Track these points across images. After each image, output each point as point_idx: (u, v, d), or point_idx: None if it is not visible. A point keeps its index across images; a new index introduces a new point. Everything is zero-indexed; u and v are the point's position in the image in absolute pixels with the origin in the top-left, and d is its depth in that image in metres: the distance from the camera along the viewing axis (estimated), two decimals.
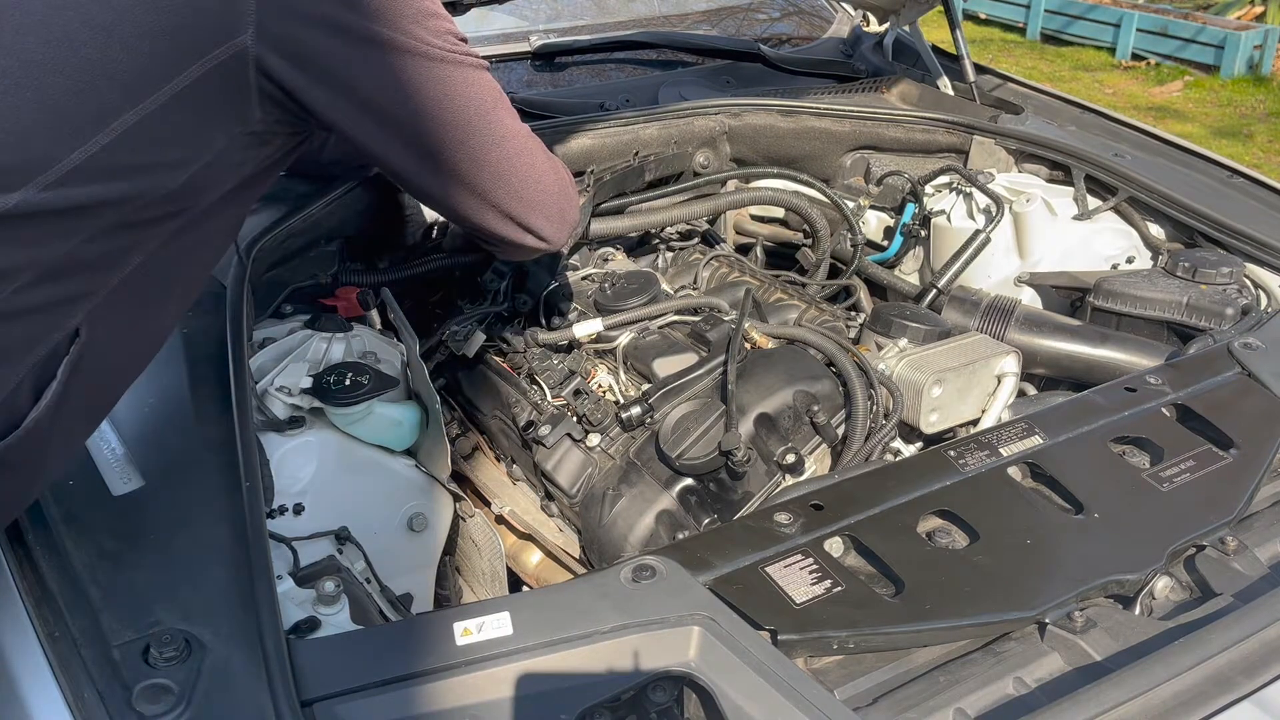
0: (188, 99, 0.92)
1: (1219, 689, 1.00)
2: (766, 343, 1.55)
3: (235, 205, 1.07)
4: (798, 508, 1.17)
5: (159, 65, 0.90)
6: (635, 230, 1.99)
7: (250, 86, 0.97)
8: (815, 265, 2.04)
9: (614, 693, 0.95)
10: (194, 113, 0.93)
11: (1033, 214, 1.91)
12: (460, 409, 1.77)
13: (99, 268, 0.91)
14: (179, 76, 0.91)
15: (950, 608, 1.06)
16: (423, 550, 1.50)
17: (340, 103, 1.06)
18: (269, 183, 1.13)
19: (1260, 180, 1.96)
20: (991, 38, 8.39)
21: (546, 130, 2.04)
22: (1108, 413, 1.37)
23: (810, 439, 1.45)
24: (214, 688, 0.90)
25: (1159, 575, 1.16)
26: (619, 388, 1.61)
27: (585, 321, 1.65)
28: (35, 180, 0.85)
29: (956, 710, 0.98)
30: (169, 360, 1.29)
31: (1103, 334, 1.66)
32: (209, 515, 1.07)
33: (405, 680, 0.93)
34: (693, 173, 2.16)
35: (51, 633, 0.95)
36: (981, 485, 1.24)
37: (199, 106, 0.93)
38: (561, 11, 2.72)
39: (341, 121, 1.08)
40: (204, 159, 0.96)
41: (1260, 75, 7.06)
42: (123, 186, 0.89)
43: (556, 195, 1.32)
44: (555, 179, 1.32)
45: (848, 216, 2.06)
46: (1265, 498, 1.31)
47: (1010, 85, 2.46)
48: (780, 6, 2.93)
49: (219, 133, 0.97)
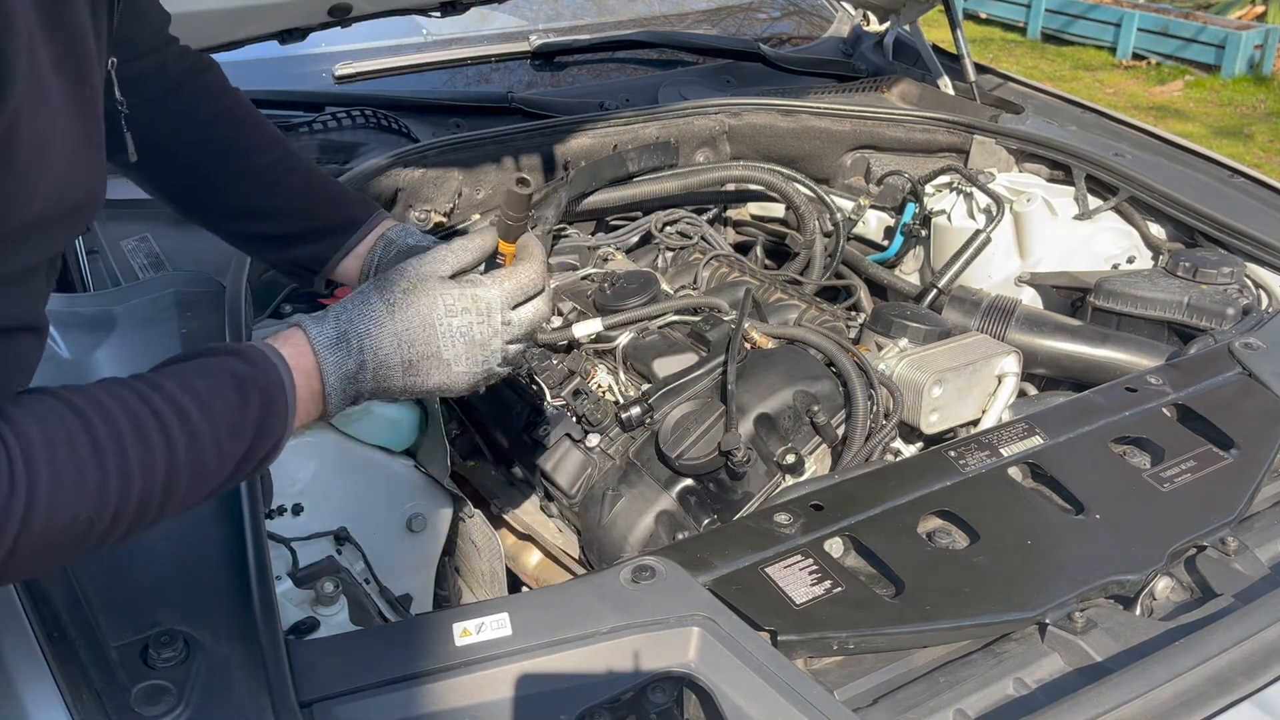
0: None
1: (1219, 689, 1.00)
2: (766, 343, 1.55)
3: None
4: (798, 508, 1.17)
5: None
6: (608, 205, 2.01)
7: None
8: (805, 246, 2.04)
9: (614, 693, 0.95)
10: None
11: (1033, 214, 1.90)
12: (460, 409, 1.77)
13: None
14: None
15: (950, 608, 1.06)
16: (422, 551, 1.50)
17: None
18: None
19: (1261, 180, 1.96)
20: (992, 37, 8.38)
21: (547, 130, 2.04)
22: (1108, 413, 1.37)
23: (810, 439, 1.45)
24: (212, 688, 0.90)
25: (1159, 576, 1.16)
26: (619, 388, 1.60)
27: (585, 321, 1.65)
28: None
29: (956, 711, 0.98)
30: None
31: (1103, 334, 1.66)
32: (208, 515, 1.07)
33: (404, 681, 0.93)
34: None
35: (50, 633, 0.95)
36: (982, 485, 1.24)
37: None
38: (561, 11, 2.72)
39: None
40: None
41: (1261, 75, 7.06)
42: None
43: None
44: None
45: (822, 197, 2.07)
46: (1266, 498, 1.30)
47: (1011, 85, 2.46)
48: (780, 6, 2.93)
49: None
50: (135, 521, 0.83)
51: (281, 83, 2.13)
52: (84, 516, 0.78)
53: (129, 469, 0.81)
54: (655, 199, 2.06)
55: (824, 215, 2.08)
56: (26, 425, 0.77)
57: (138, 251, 1.62)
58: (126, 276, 1.55)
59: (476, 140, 1.98)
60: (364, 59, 2.27)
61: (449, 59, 2.36)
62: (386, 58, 2.30)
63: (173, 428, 0.84)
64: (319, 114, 2.07)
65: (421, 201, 1.94)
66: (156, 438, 0.83)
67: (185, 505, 0.88)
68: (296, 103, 2.10)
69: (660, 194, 2.05)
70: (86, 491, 0.79)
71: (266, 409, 0.90)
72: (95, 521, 0.79)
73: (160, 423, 0.83)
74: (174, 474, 0.83)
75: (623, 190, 2.02)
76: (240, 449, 0.89)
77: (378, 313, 0.98)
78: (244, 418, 0.89)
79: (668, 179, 2.04)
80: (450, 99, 2.20)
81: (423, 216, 1.95)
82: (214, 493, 0.92)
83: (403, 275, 1.00)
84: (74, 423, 0.80)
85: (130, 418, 0.82)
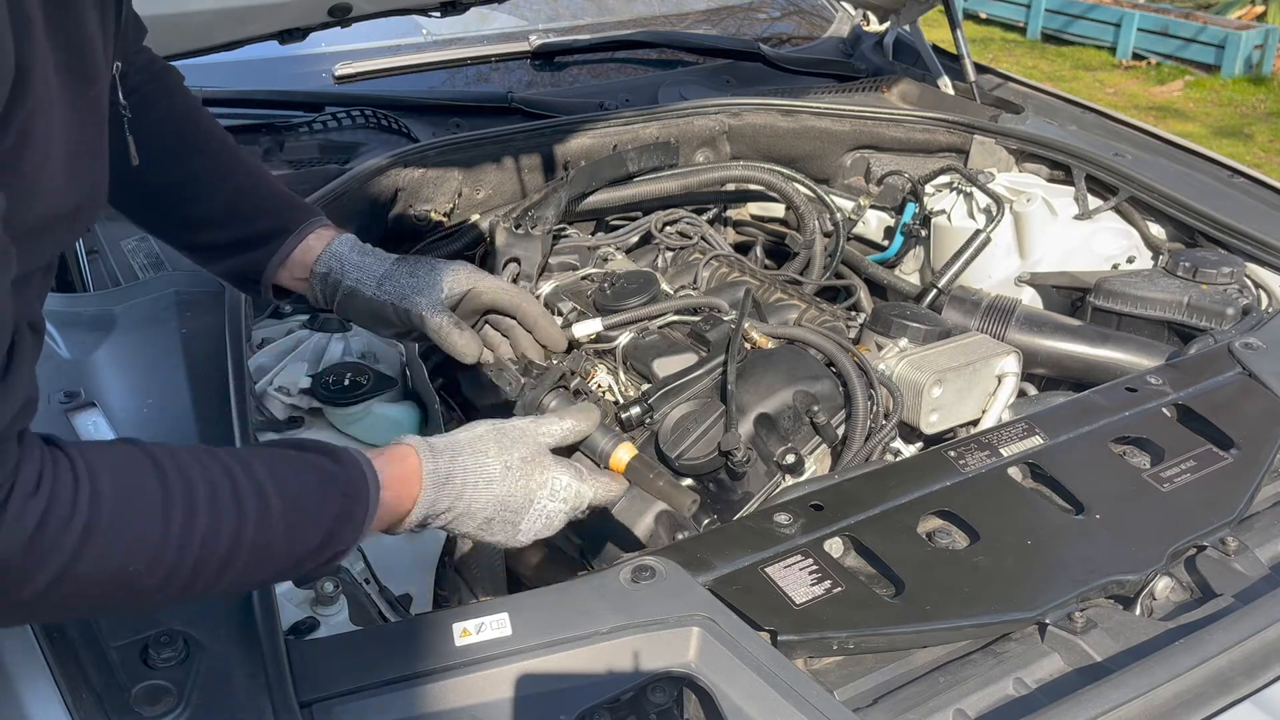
0: None
1: (1219, 689, 1.00)
2: (766, 343, 1.55)
3: None
4: (798, 508, 1.17)
5: None
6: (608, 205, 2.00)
7: None
8: (805, 246, 2.04)
9: (614, 693, 0.95)
10: None
11: (1033, 214, 1.90)
12: (459, 409, 1.77)
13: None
14: None
15: (950, 608, 1.06)
16: (422, 550, 1.50)
17: None
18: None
19: (1261, 180, 1.96)
20: (992, 37, 8.38)
21: (547, 130, 2.04)
22: (1108, 413, 1.37)
23: (810, 439, 1.45)
24: (212, 689, 0.90)
25: (1159, 576, 1.16)
26: (618, 388, 1.60)
27: (585, 321, 1.65)
28: None
29: (956, 711, 0.98)
30: (168, 360, 1.29)
31: (1103, 334, 1.66)
32: None
33: (404, 681, 0.93)
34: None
35: (50, 633, 0.95)
36: (982, 485, 1.24)
37: None
38: (561, 11, 2.72)
39: None
40: None
41: (1261, 75, 7.06)
42: None
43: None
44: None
45: (822, 197, 2.07)
46: (1266, 498, 1.30)
47: (1011, 85, 2.46)
48: (780, 6, 2.93)
49: None
50: (185, 586, 0.83)
51: (281, 83, 2.13)
52: (132, 569, 0.79)
53: (192, 535, 0.81)
54: (655, 199, 2.06)
55: (824, 215, 2.08)
56: (101, 468, 0.78)
57: (138, 251, 1.62)
58: (126, 276, 1.55)
59: (476, 140, 1.98)
60: (364, 59, 2.27)
61: (449, 59, 2.36)
62: (386, 58, 2.30)
63: (247, 505, 0.85)
64: (319, 114, 2.07)
65: (421, 201, 1.94)
66: (229, 511, 0.84)
67: (237, 586, 0.88)
68: (296, 103, 2.11)
69: (660, 194, 2.05)
70: (143, 545, 0.79)
71: (342, 517, 0.91)
72: (143, 576, 0.79)
73: (236, 498, 0.84)
74: (235, 550, 0.84)
75: (623, 190, 2.01)
76: (306, 546, 0.89)
77: (491, 472, 1.00)
78: (319, 517, 0.90)
79: (668, 179, 2.04)
80: (450, 99, 2.20)
81: (423, 216, 1.95)
82: (269, 581, 0.93)
83: (523, 440, 1.02)
84: (150, 477, 0.81)
85: (208, 485, 0.83)
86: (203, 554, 0.82)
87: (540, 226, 1.84)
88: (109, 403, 1.24)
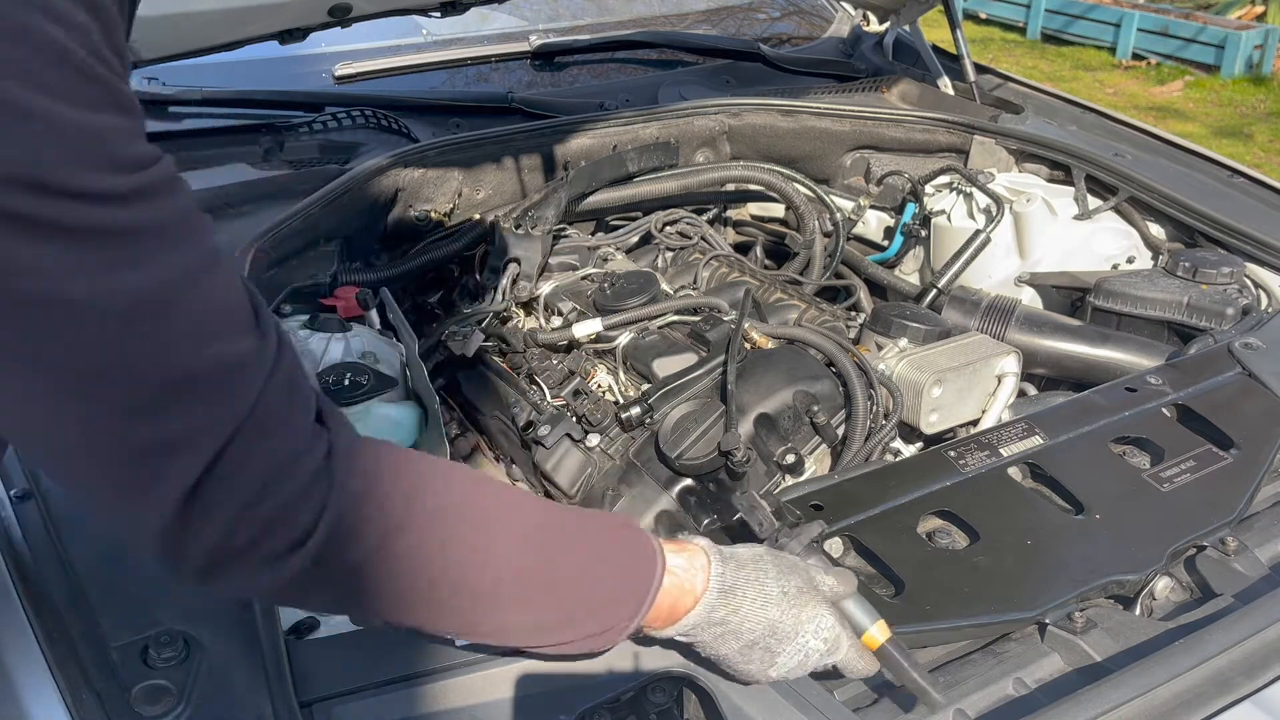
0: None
1: (1219, 689, 1.00)
2: (766, 343, 1.55)
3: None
4: (798, 508, 1.17)
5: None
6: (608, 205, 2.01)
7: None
8: (804, 246, 2.04)
9: (614, 693, 0.95)
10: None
11: (1033, 214, 1.90)
12: (459, 409, 1.77)
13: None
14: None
15: (950, 608, 1.06)
16: None
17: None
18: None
19: (1261, 180, 1.96)
20: (992, 37, 8.38)
21: (547, 130, 2.04)
22: (1108, 413, 1.37)
23: (810, 439, 1.45)
24: (212, 689, 0.90)
25: (1159, 576, 1.16)
26: (618, 388, 1.60)
27: (585, 321, 1.65)
28: None
29: (956, 711, 0.98)
30: None
31: (1103, 334, 1.66)
32: None
33: (404, 681, 0.93)
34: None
35: (50, 633, 0.95)
36: (982, 485, 1.24)
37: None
38: (561, 11, 2.72)
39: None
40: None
41: (1261, 75, 7.05)
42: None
43: None
44: None
45: (822, 197, 2.07)
46: (1266, 498, 1.30)
47: (1010, 85, 2.46)
48: (780, 6, 2.93)
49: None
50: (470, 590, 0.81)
51: (281, 83, 2.13)
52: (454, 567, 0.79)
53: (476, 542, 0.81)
54: (655, 199, 2.06)
55: (824, 215, 2.08)
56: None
57: None
58: None
59: (476, 140, 1.98)
60: (364, 59, 2.27)
61: (449, 59, 2.36)
62: (386, 58, 2.30)
63: (555, 517, 0.88)
64: (319, 114, 2.07)
65: (421, 201, 1.94)
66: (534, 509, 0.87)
67: (484, 621, 0.84)
68: (296, 103, 2.11)
69: (660, 194, 2.05)
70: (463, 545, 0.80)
71: (629, 579, 0.89)
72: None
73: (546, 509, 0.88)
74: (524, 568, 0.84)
75: (622, 190, 2.02)
76: (588, 599, 0.87)
77: (770, 593, 0.93)
78: (612, 569, 0.88)
79: (668, 179, 2.05)
80: (450, 99, 2.20)
81: (423, 216, 1.95)
82: (512, 629, 0.86)
83: (797, 571, 0.96)
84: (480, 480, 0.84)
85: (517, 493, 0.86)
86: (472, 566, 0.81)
87: (540, 226, 1.84)
88: None
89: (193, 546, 0.69)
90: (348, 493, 0.73)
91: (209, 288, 0.67)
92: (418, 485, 0.79)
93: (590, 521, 0.92)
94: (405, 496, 0.77)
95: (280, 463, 0.70)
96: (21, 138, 0.57)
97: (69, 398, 0.64)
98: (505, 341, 1.73)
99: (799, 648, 0.93)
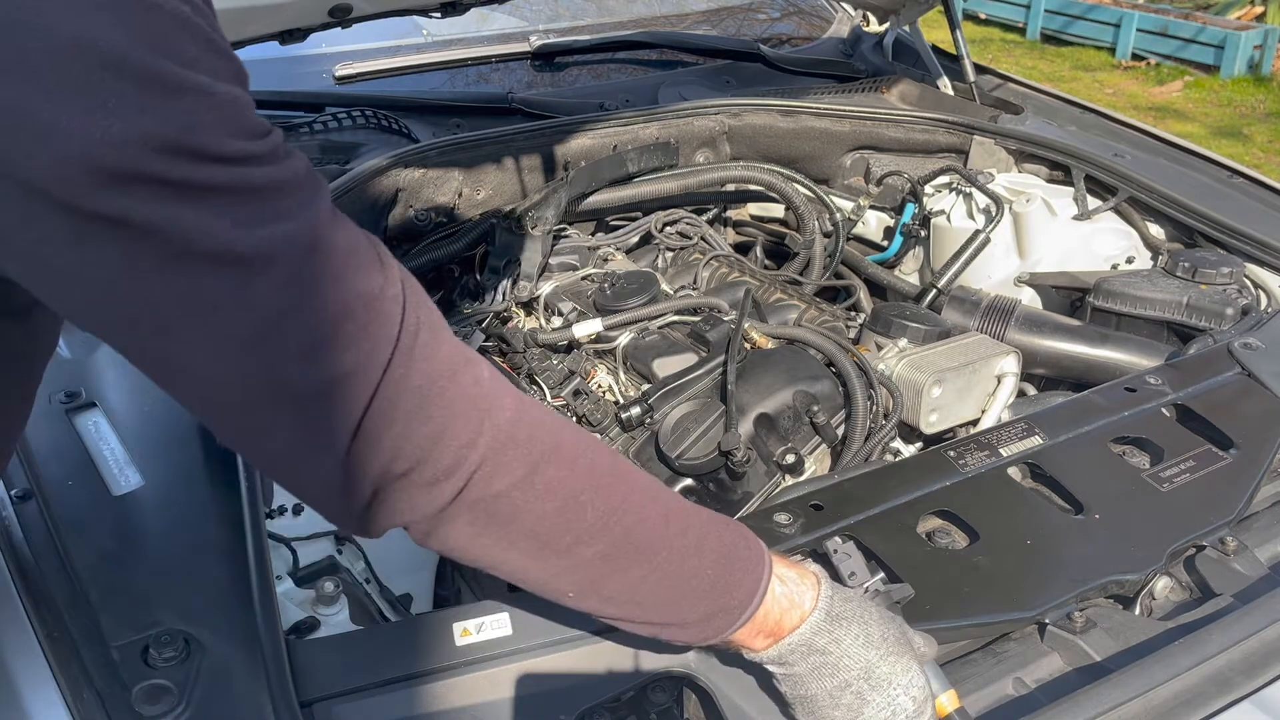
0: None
1: (1219, 689, 1.00)
2: (766, 343, 1.55)
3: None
4: (798, 508, 1.17)
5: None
6: (608, 205, 2.01)
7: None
8: (804, 246, 2.04)
9: (614, 693, 0.95)
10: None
11: (1033, 214, 1.90)
12: None
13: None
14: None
15: (950, 608, 1.06)
16: (422, 550, 1.50)
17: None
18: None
19: (1260, 180, 1.96)
20: (991, 38, 8.38)
21: (547, 130, 2.04)
22: (1108, 413, 1.37)
23: (810, 439, 1.45)
24: (213, 688, 0.90)
25: (1159, 575, 1.16)
26: (618, 388, 1.61)
27: (585, 321, 1.65)
28: None
29: (957, 710, 0.98)
30: None
31: (1103, 334, 1.66)
32: (208, 515, 1.07)
33: (405, 681, 0.93)
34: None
35: (51, 633, 0.95)
36: (981, 485, 1.24)
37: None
38: (561, 11, 2.72)
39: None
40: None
41: (1260, 75, 7.06)
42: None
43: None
44: None
45: (821, 198, 2.07)
46: (1265, 498, 1.31)
47: (1010, 85, 2.46)
48: (780, 6, 2.93)
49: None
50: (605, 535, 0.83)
51: (281, 83, 2.13)
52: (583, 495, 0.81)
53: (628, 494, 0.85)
54: (655, 199, 2.06)
55: (823, 215, 2.08)
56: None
57: None
58: None
59: (476, 140, 1.98)
60: (364, 59, 2.27)
61: (449, 59, 2.36)
62: (386, 58, 2.30)
63: (665, 501, 0.89)
64: (319, 114, 2.07)
65: (421, 201, 1.94)
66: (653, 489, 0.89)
67: (607, 580, 0.85)
68: (296, 103, 2.11)
69: (660, 194, 2.05)
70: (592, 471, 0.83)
71: (738, 572, 0.88)
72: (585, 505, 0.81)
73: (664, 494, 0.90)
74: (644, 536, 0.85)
75: (622, 190, 2.02)
76: (700, 578, 0.87)
77: (872, 635, 0.90)
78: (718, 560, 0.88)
79: (667, 179, 2.05)
80: (450, 99, 2.20)
81: (423, 216, 1.95)
82: (628, 596, 0.87)
83: (896, 622, 0.94)
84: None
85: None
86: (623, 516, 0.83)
87: (540, 227, 1.84)
88: (109, 403, 1.24)
89: (361, 482, 0.73)
90: (500, 420, 0.76)
91: (342, 230, 0.72)
92: (561, 425, 0.83)
93: (704, 511, 0.92)
94: (551, 430, 0.81)
95: (430, 388, 0.73)
96: (178, 111, 0.62)
97: (245, 350, 0.68)
98: (505, 341, 1.73)
99: (888, 701, 0.89)
